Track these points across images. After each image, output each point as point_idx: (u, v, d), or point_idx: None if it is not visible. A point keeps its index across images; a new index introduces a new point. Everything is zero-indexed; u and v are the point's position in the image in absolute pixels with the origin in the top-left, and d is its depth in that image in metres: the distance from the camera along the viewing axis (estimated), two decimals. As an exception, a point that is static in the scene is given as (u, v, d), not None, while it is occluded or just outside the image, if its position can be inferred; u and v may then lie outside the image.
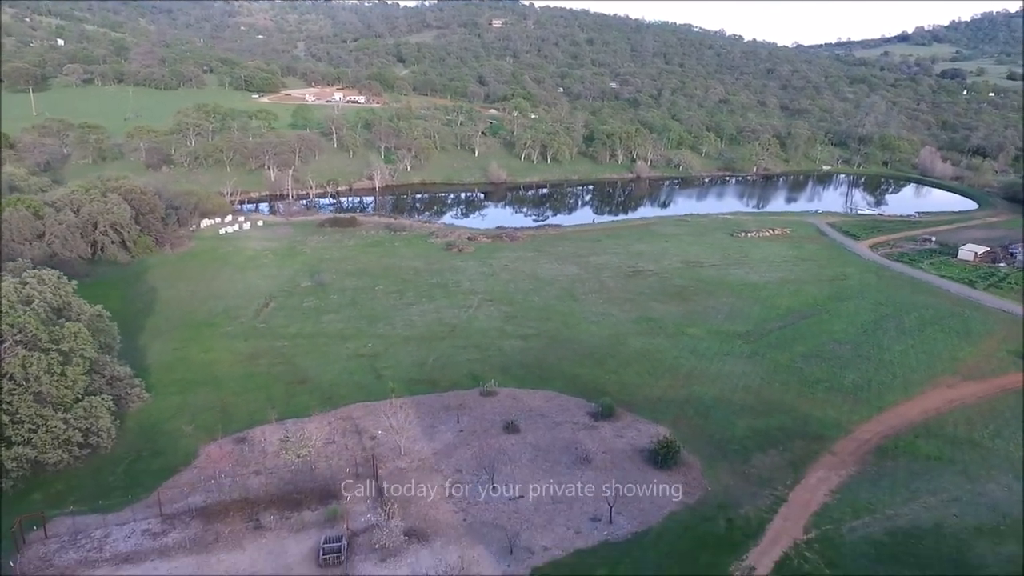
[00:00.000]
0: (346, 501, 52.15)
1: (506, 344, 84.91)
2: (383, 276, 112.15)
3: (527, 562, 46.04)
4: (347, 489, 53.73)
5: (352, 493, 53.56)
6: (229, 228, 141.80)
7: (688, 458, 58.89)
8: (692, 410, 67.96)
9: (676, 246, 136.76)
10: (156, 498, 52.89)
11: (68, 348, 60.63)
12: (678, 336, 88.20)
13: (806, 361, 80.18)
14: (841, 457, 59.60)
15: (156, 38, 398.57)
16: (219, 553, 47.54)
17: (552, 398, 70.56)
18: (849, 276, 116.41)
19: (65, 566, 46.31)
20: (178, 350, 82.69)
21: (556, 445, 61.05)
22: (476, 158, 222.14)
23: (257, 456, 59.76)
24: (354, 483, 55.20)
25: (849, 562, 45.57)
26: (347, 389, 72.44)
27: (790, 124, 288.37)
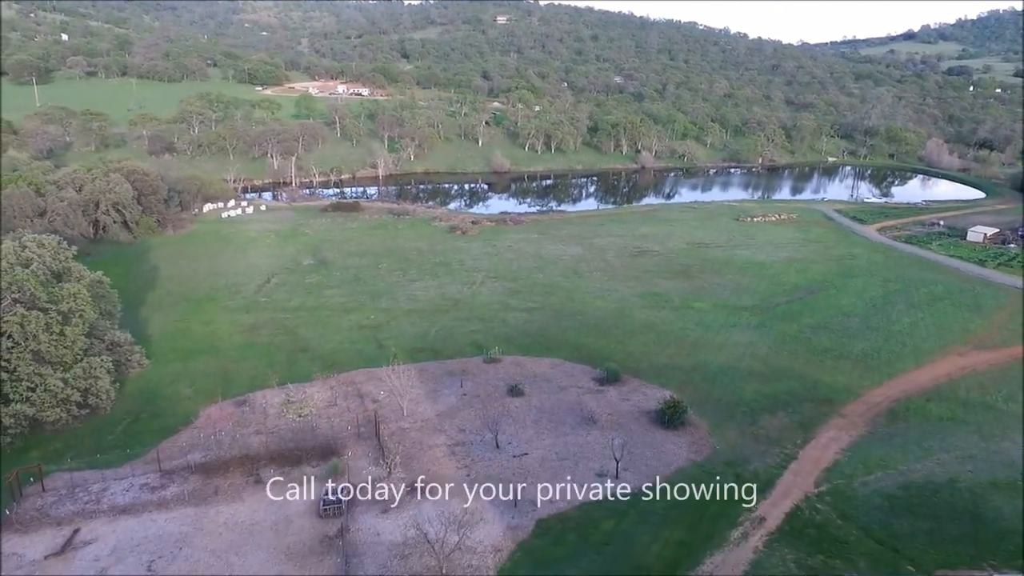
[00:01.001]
0: (347, 457, 51.22)
1: (510, 316, 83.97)
2: (386, 256, 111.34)
3: (532, 514, 45.10)
4: (349, 447, 52.90)
5: (354, 450, 52.71)
6: (232, 212, 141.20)
7: (695, 419, 57.84)
8: (699, 376, 66.91)
9: (681, 229, 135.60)
10: (155, 455, 52.14)
11: (67, 308, 59.96)
12: (684, 310, 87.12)
13: (814, 332, 79.02)
14: (851, 419, 58.51)
15: (160, 34, 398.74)
16: (218, 505, 46.71)
17: (557, 365, 69.60)
18: (857, 256, 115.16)
19: (62, 516, 45.52)
20: (179, 322, 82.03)
21: (561, 407, 60.08)
22: (480, 148, 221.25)
23: (258, 417, 58.94)
24: (356, 442, 54.49)
25: (862, 514, 44.48)
26: (349, 357, 71.60)
27: (796, 116, 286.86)
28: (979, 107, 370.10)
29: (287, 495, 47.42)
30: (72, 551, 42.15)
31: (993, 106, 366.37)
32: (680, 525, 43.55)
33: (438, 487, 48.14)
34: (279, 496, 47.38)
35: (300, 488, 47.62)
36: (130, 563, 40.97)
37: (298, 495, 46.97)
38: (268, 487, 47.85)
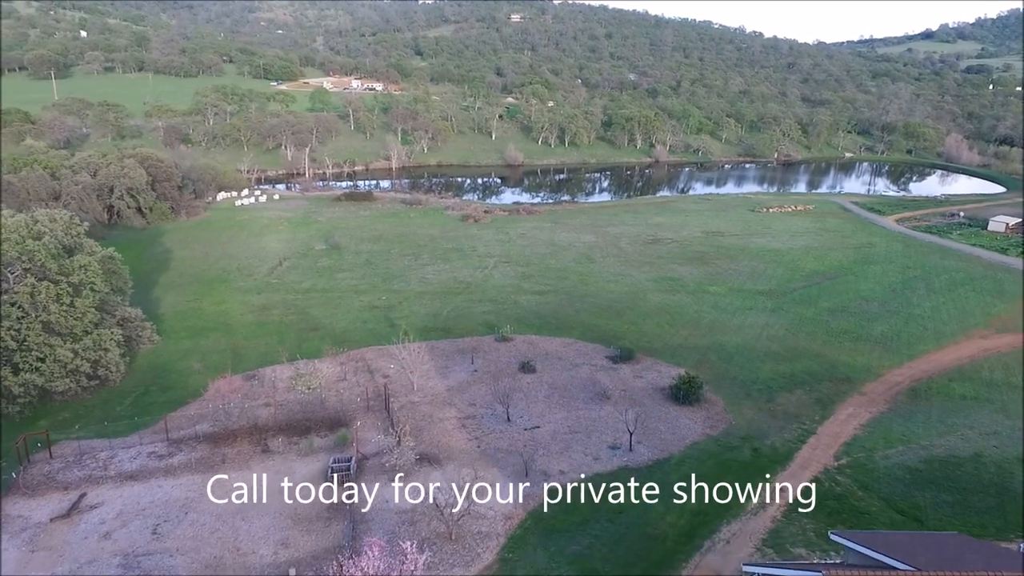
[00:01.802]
0: (356, 428, 50.50)
1: (522, 299, 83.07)
2: (398, 242, 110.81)
3: (543, 484, 44.12)
4: (358, 418, 52.19)
5: (363, 421, 51.99)
6: (245, 200, 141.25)
7: (710, 396, 56.66)
8: (714, 356, 65.68)
9: (696, 219, 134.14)
10: (163, 425, 51.65)
11: (78, 280, 59.67)
12: (699, 294, 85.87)
13: (832, 315, 77.56)
14: (871, 397, 57.12)
15: (177, 31, 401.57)
16: (225, 473, 46.06)
17: (569, 344, 68.60)
18: (875, 244, 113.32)
19: (68, 482, 45.10)
20: (191, 301, 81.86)
21: (573, 384, 59.09)
22: (493, 141, 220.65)
23: (267, 391, 58.39)
24: (365, 414, 53.79)
25: (884, 486, 43.15)
26: (360, 335, 70.94)
27: (812, 112, 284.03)
28: (999, 104, 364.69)
29: (294, 464, 46.94)
30: (78, 514, 41.67)
31: (1013, 103, 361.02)
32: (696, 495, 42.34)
33: (448, 457, 47.34)
34: (286, 465, 46.88)
35: (308, 458, 47.25)
36: (135, 526, 40.42)
37: (306, 465, 46.48)
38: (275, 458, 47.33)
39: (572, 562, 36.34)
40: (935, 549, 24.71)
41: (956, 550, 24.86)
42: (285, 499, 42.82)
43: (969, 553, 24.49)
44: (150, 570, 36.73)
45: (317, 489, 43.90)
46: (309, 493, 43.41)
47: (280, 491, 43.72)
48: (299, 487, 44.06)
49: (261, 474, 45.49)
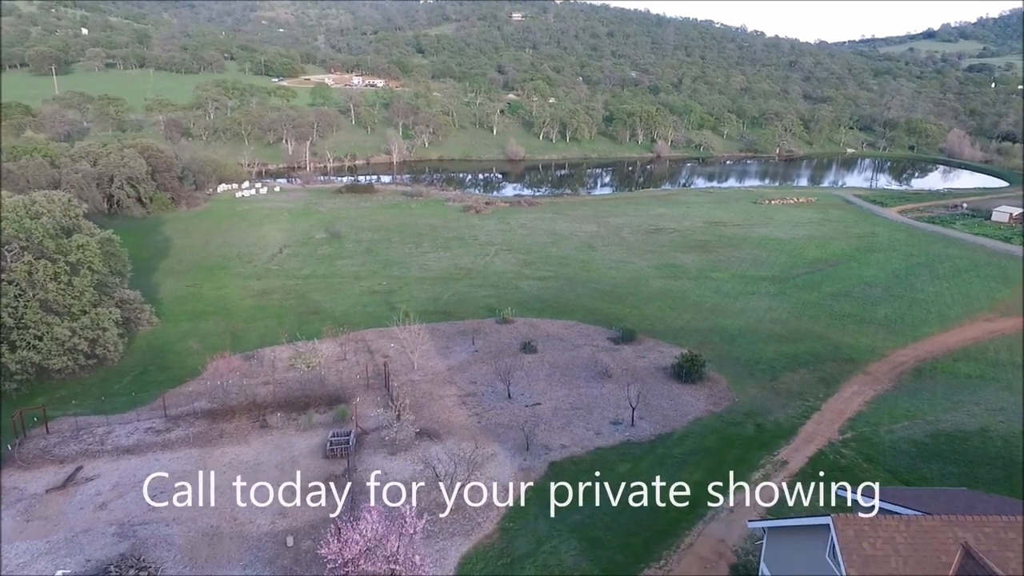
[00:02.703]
0: (356, 404, 50.03)
1: (524, 284, 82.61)
2: (399, 231, 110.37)
3: (544, 457, 43.62)
4: (357, 395, 51.71)
5: (362, 398, 51.53)
6: (246, 192, 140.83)
7: (713, 375, 56.15)
8: (717, 337, 65.16)
9: (698, 210, 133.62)
10: (161, 402, 51.20)
11: (75, 260, 59.31)
12: (702, 279, 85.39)
13: (835, 299, 77.05)
14: (875, 376, 56.60)
15: (178, 29, 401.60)
16: (223, 447, 45.63)
17: (571, 326, 68.12)
18: (878, 234, 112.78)
19: (65, 455, 44.65)
20: (190, 286, 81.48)
21: (575, 363, 58.60)
22: (494, 136, 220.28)
23: (266, 370, 57.90)
24: (365, 391, 53.32)
25: (889, 459, 42.59)
26: (360, 318, 70.46)
27: (813, 109, 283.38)
28: (1001, 102, 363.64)
29: (293, 439, 46.52)
30: (74, 486, 41.20)
31: (1015, 101, 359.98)
32: (699, 468, 41.87)
33: (448, 432, 46.85)
34: (285, 439, 46.46)
35: (307, 433, 46.88)
36: (131, 497, 39.91)
37: (305, 439, 46.09)
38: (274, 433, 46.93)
39: (573, 531, 35.82)
40: (944, 500, 24.23)
41: (966, 502, 24.37)
42: (283, 472, 42.33)
43: (979, 504, 24.01)
44: (146, 539, 36.22)
45: (316, 462, 43.59)
46: (308, 466, 43.06)
47: (279, 464, 43.32)
48: (298, 461, 43.72)
49: (259, 449, 45.26)
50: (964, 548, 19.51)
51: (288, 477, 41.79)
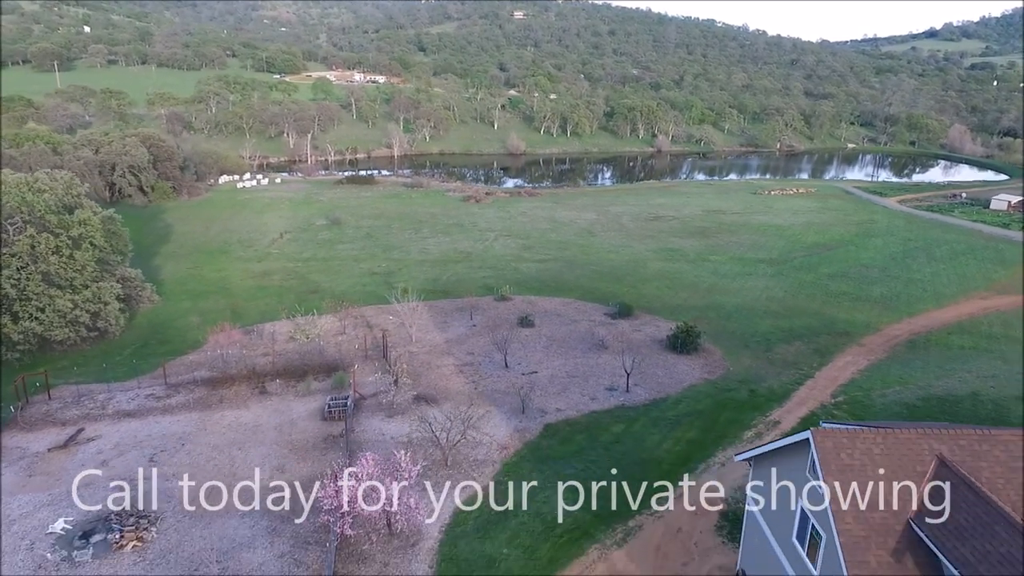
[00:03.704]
0: (354, 370, 50.60)
1: (522, 266, 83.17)
2: (399, 219, 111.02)
3: (540, 420, 44.12)
4: (356, 364, 52.25)
5: (361, 366, 52.08)
6: (247, 183, 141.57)
7: (708, 346, 56.65)
8: (713, 313, 65.64)
9: (697, 200, 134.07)
10: (162, 371, 51.82)
11: (77, 234, 59.99)
12: (699, 262, 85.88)
13: (832, 279, 77.51)
14: (869, 348, 57.03)
15: (180, 27, 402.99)
16: (223, 410, 46.24)
17: (569, 303, 68.68)
18: (877, 221, 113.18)
19: (67, 419, 45.27)
20: (191, 268, 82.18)
21: (572, 336, 59.14)
22: (495, 131, 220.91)
23: (265, 343, 58.42)
24: (363, 361, 53.87)
25: (880, 420, 42.94)
26: (359, 297, 70.98)
27: (814, 105, 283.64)
28: (1003, 99, 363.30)
29: (292, 404, 47.12)
30: (75, 445, 41.81)
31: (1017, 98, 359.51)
32: (692, 428, 42.38)
33: (445, 398, 47.37)
34: (284, 404, 47.06)
35: (306, 399, 47.50)
36: (132, 456, 40.52)
37: (303, 404, 46.71)
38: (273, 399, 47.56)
39: (567, 481, 36.29)
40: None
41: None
42: (282, 432, 42.97)
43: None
44: (146, 492, 36.75)
45: (314, 424, 44.19)
46: (306, 428, 43.67)
47: (277, 426, 43.92)
48: (296, 423, 44.32)
49: (258, 412, 45.87)
50: (939, 458, 20.01)
51: (286, 437, 42.52)
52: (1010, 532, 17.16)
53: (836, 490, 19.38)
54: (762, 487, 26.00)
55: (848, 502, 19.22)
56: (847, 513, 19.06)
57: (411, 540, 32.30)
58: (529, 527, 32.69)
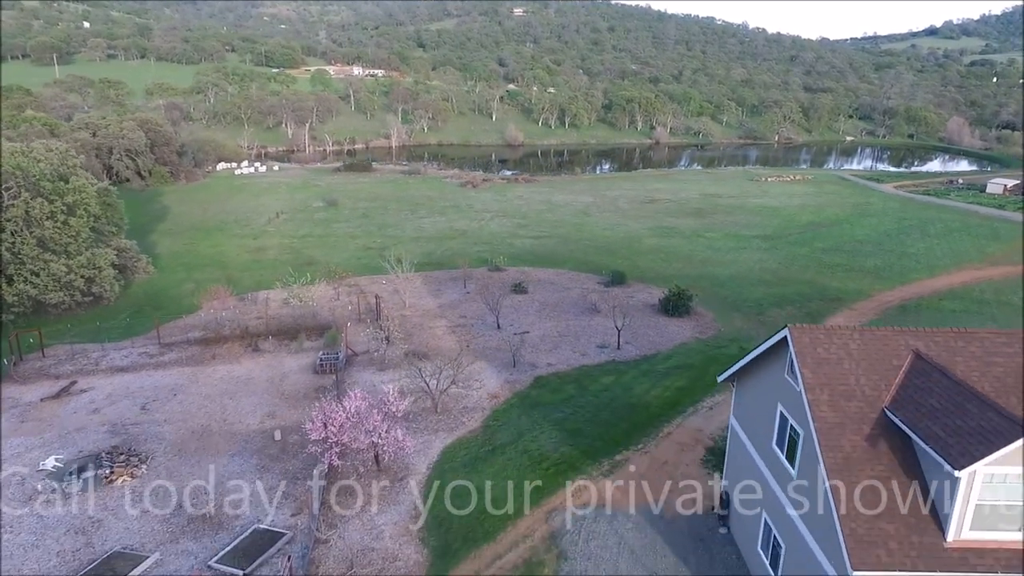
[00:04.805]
0: (347, 328, 50.82)
1: (517, 242, 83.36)
2: (396, 201, 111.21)
3: (530, 373, 44.33)
4: (349, 325, 52.47)
5: (354, 327, 52.30)
6: (245, 170, 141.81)
7: (700, 310, 56.88)
8: (707, 282, 65.75)
9: (694, 186, 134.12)
10: (156, 332, 52.04)
11: (72, 201, 60.18)
12: (694, 238, 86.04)
13: (825, 253, 77.64)
14: (860, 312, 57.16)
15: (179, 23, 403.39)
16: (215, 366, 46.47)
17: (562, 273, 68.90)
18: (872, 203, 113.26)
19: (60, 373, 45.49)
20: (187, 244, 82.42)
21: (565, 301, 59.37)
22: (494, 122, 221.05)
23: (260, 308, 58.72)
24: (356, 323, 54.09)
25: (869, 372, 43.18)
26: (354, 268, 71.18)
27: (813, 98, 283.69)
28: (1002, 94, 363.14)
29: (284, 359, 47.34)
30: (68, 396, 42.03)
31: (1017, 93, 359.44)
32: (682, 378, 42.58)
33: (437, 355, 47.50)
34: (276, 360, 47.29)
35: (298, 356, 47.76)
36: (124, 404, 40.75)
37: (296, 360, 46.95)
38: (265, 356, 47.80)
39: (555, 424, 36.51)
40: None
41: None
42: (273, 384, 43.20)
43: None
44: (137, 435, 37.01)
45: (306, 377, 44.44)
46: (298, 380, 43.91)
47: (269, 379, 44.14)
48: (288, 376, 44.54)
49: (251, 367, 46.09)
50: (915, 352, 20.20)
51: (277, 388, 42.75)
52: (980, 408, 17.35)
53: (811, 380, 19.57)
54: (744, 403, 26.19)
55: (824, 392, 19.41)
56: (822, 401, 19.25)
57: (399, 475, 32.50)
58: (516, 462, 32.87)
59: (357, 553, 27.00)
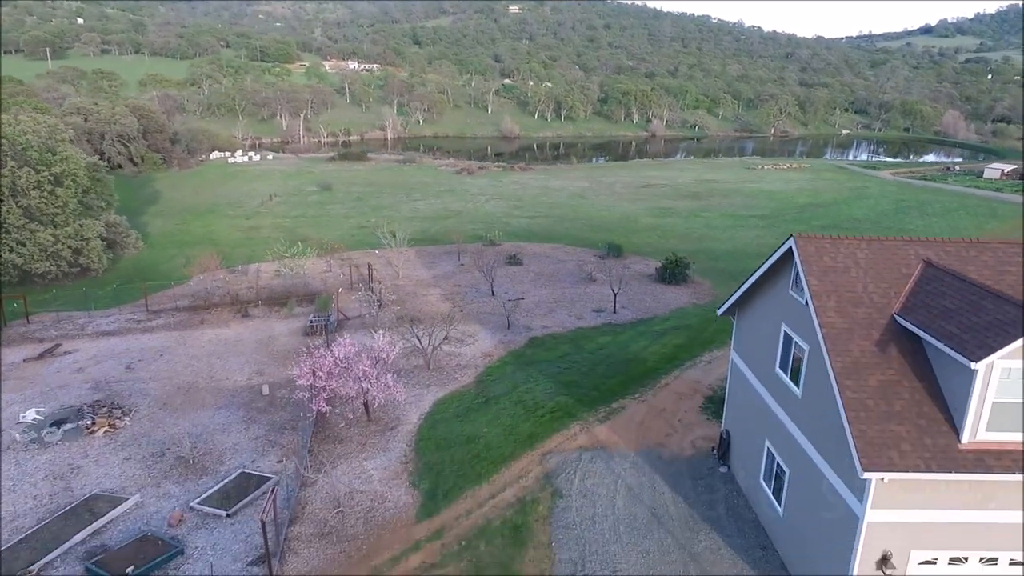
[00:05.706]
0: (338, 292, 49.89)
1: (512, 221, 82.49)
2: (391, 186, 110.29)
3: (525, 334, 43.41)
4: (340, 289, 51.55)
5: (346, 294, 51.36)
6: (239, 159, 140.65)
7: (697, 279, 56.11)
8: (703, 256, 64.99)
9: (691, 173, 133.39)
10: (144, 301, 51.01)
11: (60, 171, 59.10)
12: (691, 218, 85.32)
13: (823, 230, 76.77)
14: (861, 280, 56.38)
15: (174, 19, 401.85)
16: (203, 329, 45.48)
17: (558, 247, 68.11)
18: (869, 187, 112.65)
19: (45, 337, 44.45)
20: (179, 225, 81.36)
21: (560, 272, 58.55)
22: (489, 115, 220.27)
23: (251, 279, 57.71)
24: (348, 291, 53.13)
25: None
26: (348, 245, 70.26)
27: (809, 92, 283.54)
28: (997, 90, 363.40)
29: (274, 324, 46.39)
30: (51, 357, 41.00)
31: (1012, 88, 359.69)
32: (679, 336, 41.72)
33: (429, 318, 46.59)
34: (266, 324, 46.34)
35: (288, 320, 46.84)
36: (109, 364, 39.73)
37: (286, 324, 46.03)
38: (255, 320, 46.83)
39: (550, 377, 35.63)
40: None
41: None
42: (261, 344, 42.26)
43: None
44: (121, 391, 36.00)
45: (295, 339, 43.46)
46: (287, 342, 42.94)
47: (258, 340, 43.18)
48: (277, 338, 43.59)
49: (239, 330, 45.12)
50: (925, 261, 19.37)
51: (266, 348, 41.80)
52: (997, 304, 16.52)
53: (818, 287, 18.71)
54: (745, 334, 25.35)
55: (831, 299, 18.54)
56: (829, 307, 18.39)
57: (390, 424, 31.59)
58: (510, 411, 31.98)
59: (344, 495, 26.07)
